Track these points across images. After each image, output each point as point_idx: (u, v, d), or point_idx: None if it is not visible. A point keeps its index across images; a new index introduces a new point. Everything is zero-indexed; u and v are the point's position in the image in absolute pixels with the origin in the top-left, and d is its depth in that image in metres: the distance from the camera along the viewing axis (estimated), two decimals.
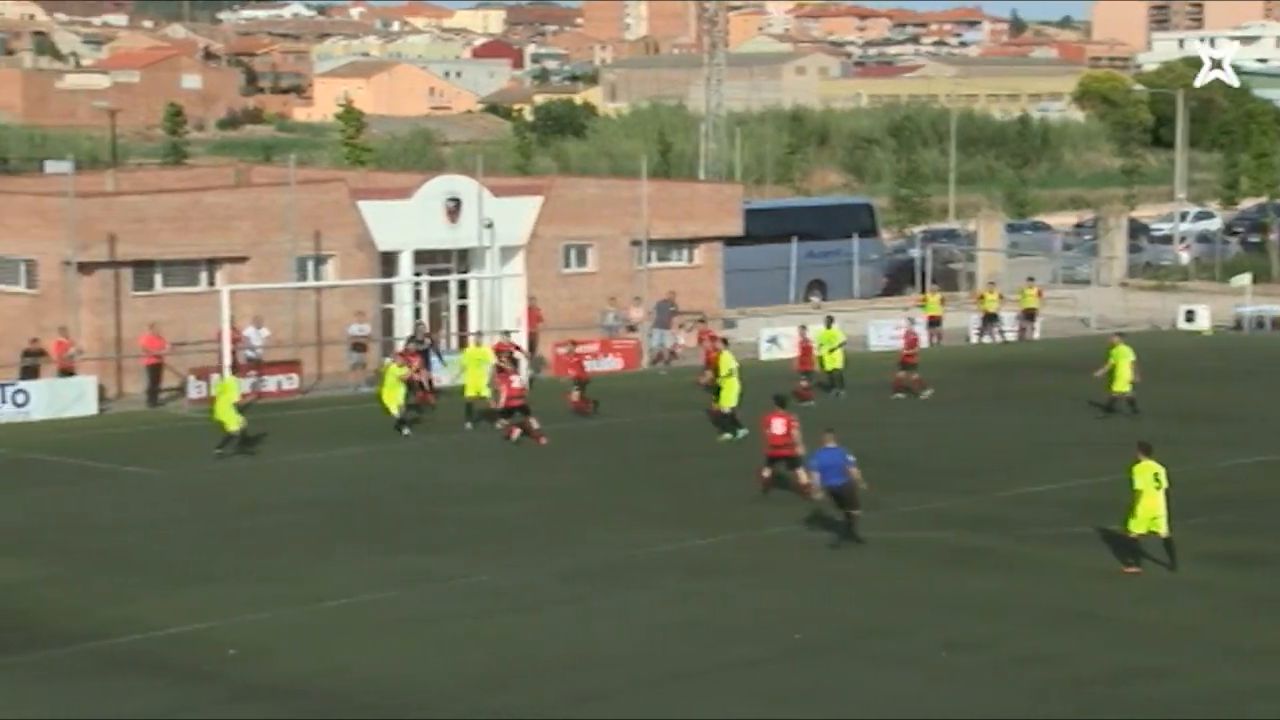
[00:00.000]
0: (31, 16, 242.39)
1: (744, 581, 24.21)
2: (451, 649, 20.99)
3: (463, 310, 47.19)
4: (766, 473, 28.79)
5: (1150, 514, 23.97)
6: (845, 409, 37.36)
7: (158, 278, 41.42)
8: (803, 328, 41.78)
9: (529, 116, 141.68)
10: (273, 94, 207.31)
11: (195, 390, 38.75)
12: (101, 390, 38.28)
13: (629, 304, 47.87)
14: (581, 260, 49.11)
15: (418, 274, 45.87)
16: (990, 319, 51.74)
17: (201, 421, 36.43)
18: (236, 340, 38.80)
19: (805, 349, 40.58)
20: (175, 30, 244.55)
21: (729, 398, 34.80)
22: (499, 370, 36.41)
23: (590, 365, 43.20)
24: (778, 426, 28.49)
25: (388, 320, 45.27)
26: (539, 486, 30.59)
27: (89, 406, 37.49)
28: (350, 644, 21.15)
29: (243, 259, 42.30)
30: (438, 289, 46.55)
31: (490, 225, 45.61)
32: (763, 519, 27.84)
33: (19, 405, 36.47)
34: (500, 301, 46.33)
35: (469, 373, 36.75)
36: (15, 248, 41.14)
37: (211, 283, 41.70)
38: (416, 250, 45.64)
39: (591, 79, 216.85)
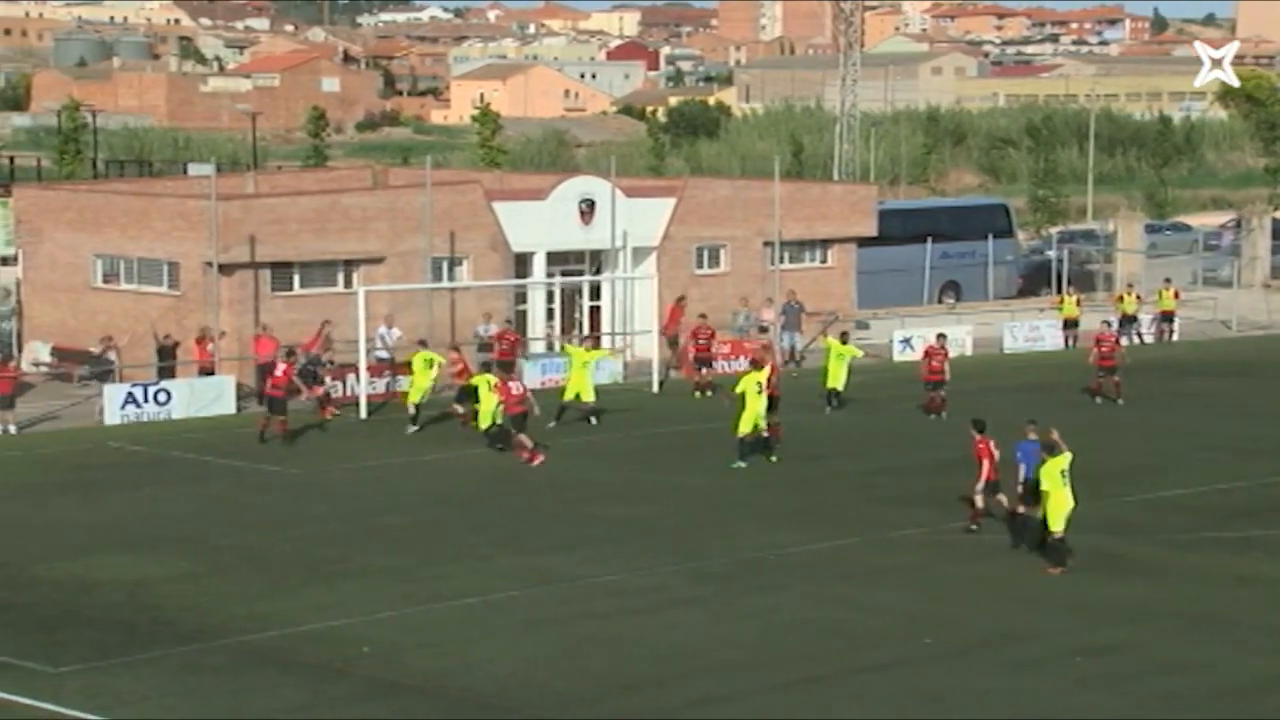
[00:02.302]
0: (177, 21, 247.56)
1: (874, 584, 24.01)
2: (579, 649, 21.04)
3: (595, 312, 47.34)
4: (979, 502, 26.54)
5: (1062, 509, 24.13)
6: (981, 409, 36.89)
7: (296, 278, 42.02)
8: (941, 336, 40.79)
9: (663, 118, 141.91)
10: (410, 96, 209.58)
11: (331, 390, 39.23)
12: (240, 389, 38.88)
13: (761, 305, 47.72)
14: (714, 261, 49.04)
15: (550, 275, 46.11)
16: (1128, 321, 50.84)
17: (335, 422, 36.88)
18: (310, 346, 38.18)
19: (931, 355, 38.78)
20: (315, 34, 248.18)
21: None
22: (499, 378, 33.96)
23: (722, 366, 43.21)
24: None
25: (521, 321, 45.54)
26: (669, 486, 30.57)
27: (228, 405, 38.11)
28: (480, 643, 21.28)
29: (379, 260, 42.77)
30: (571, 289, 46.76)
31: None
32: (893, 521, 27.59)
33: (160, 404, 37.16)
34: (632, 303, 46.44)
35: (573, 373, 36.65)
36: (159, 249, 41.95)
37: (348, 284, 42.22)
38: (550, 251, 45.87)
39: (726, 80, 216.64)
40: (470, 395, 34.82)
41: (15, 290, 45.39)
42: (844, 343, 38.20)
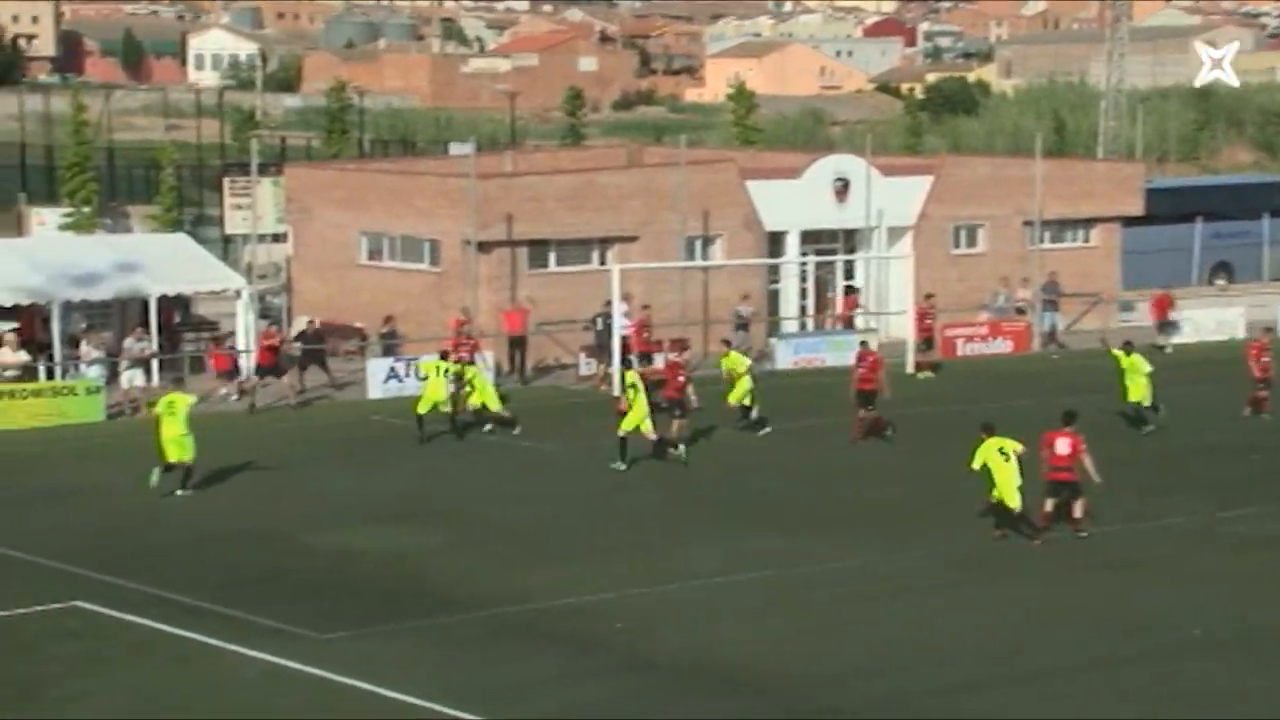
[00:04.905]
0: (440, 3, 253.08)
1: (1132, 574, 23.47)
2: (825, 633, 21.01)
3: (849, 291, 47.09)
4: (1049, 506, 25.17)
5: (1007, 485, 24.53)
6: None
7: (552, 256, 42.70)
8: (1268, 329, 37.81)
9: (920, 95, 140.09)
10: (665, 75, 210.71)
11: (585, 367, 39.81)
12: (498, 366, 39.63)
13: (1019, 286, 46.91)
14: (971, 241, 48.43)
15: (804, 254, 46.01)
16: None
17: (592, 398, 37.39)
18: (460, 324, 37.67)
19: (1259, 350, 35.42)
20: (573, 14, 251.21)
21: (738, 396, 33.42)
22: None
23: (979, 348, 42.66)
24: (1062, 446, 25.29)
25: (773, 301, 45.53)
26: (917, 470, 30.33)
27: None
28: (728, 623, 21.40)
29: (633, 238, 43.20)
30: (824, 269, 46.61)
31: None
32: (1158, 510, 26.89)
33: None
34: (887, 283, 46.07)
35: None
36: (422, 227, 43.03)
37: (603, 262, 42.74)
38: (804, 230, 45.77)
39: (986, 56, 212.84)
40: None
41: (285, 267, 47.08)
42: (1128, 354, 33.93)
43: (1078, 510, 25.27)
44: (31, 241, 46.01)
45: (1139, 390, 33.63)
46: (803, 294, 46.69)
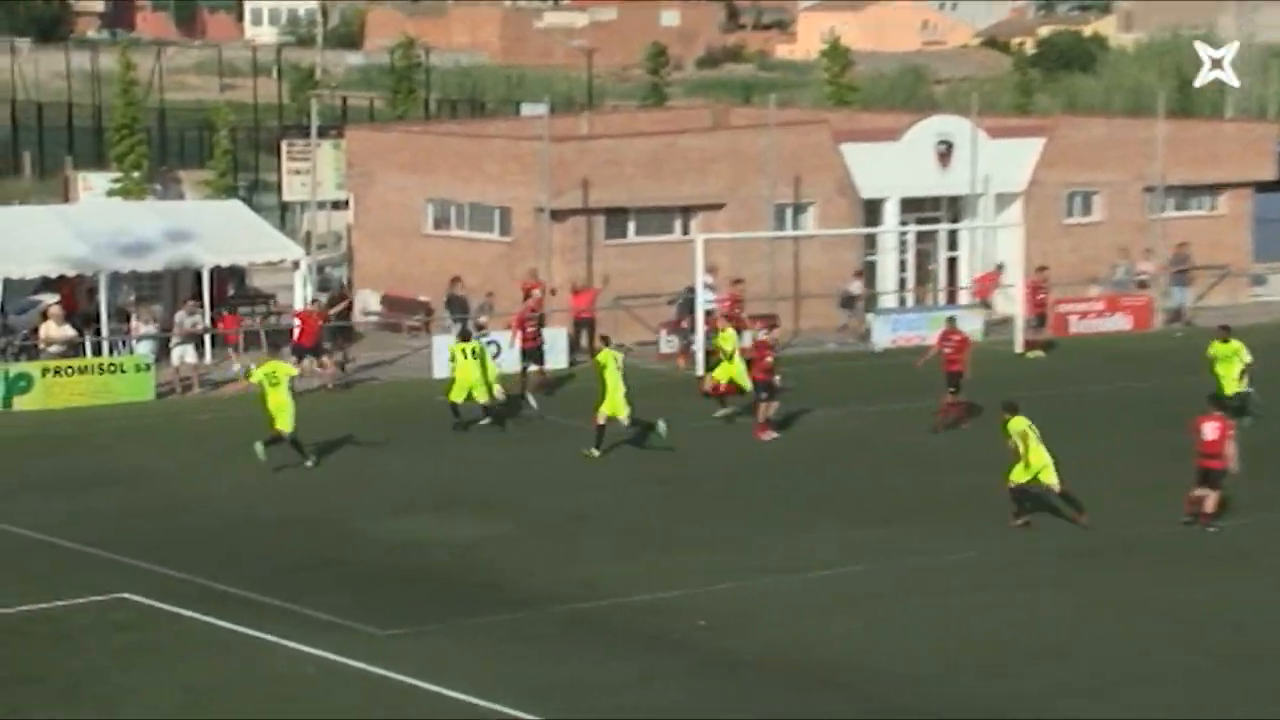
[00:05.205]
0: None
1: (1259, 571, 23.13)
2: (927, 629, 20.89)
3: (952, 264, 46.74)
4: (1196, 492, 25.32)
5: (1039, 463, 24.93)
6: None
7: (631, 226, 42.63)
8: None
9: (1031, 50, 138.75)
10: (754, 30, 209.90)
11: (666, 345, 39.70)
12: (572, 342, 39.61)
13: (1140, 257, 46.37)
14: (1086, 208, 47.95)
15: (904, 223, 45.70)
16: None
17: (673, 377, 37.31)
18: (529, 288, 37.85)
19: None
20: None
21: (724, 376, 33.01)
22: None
23: (1096, 325, 42.25)
24: (1209, 431, 25.27)
25: (870, 274, 45.28)
26: None
27: (559, 359, 38.84)
28: (821, 619, 21.33)
29: (718, 206, 43.06)
30: (925, 240, 46.28)
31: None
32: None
33: (492, 357, 37.90)
34: (994, 255, 45.68)
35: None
36: (492, 194, 43.08)
37: (685, 231, 42.62)
38: (903, 197, 45.46)
39: (1103, 8, 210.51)
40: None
41: (346, 236, 47.28)
42: (1225, 341, 33.17)
43: (1210, 504, 25.01)
44: (78, 208, 46.47)
45: (1230, 381, 32.50)
46: (902, 266, 46.37)
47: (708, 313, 38.38)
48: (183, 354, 36.52)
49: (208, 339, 37.68)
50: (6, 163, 66.71)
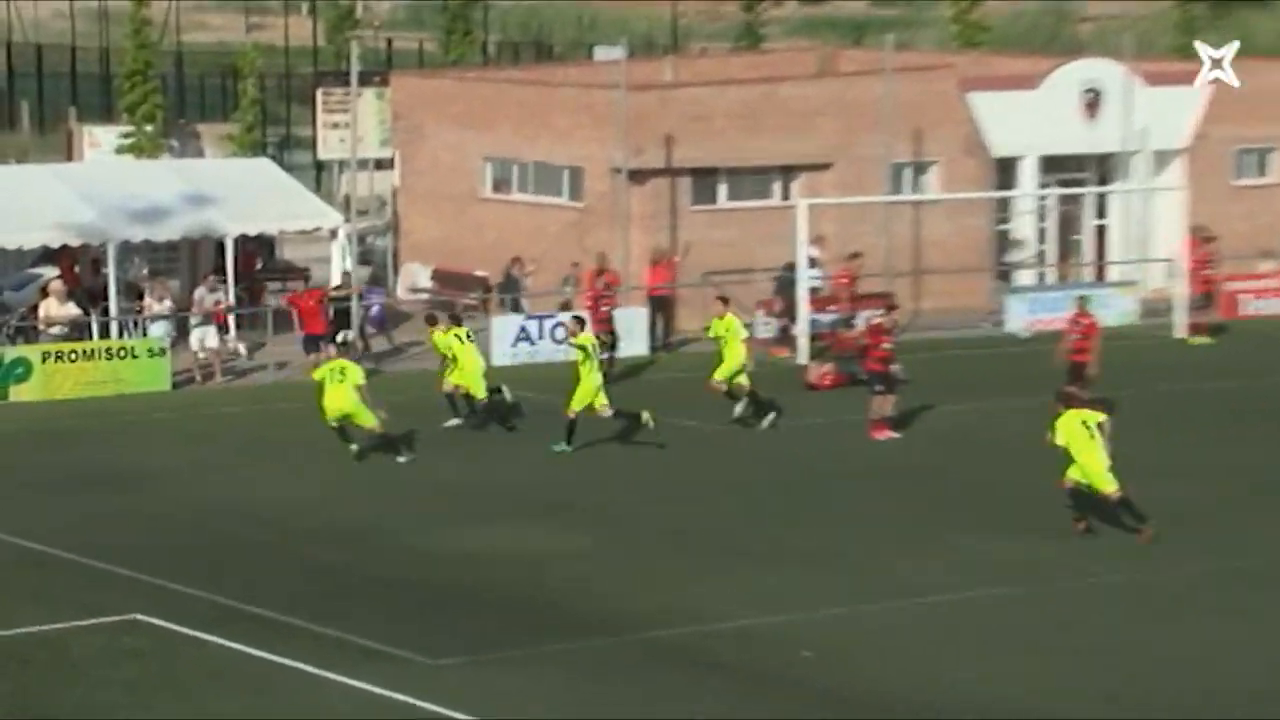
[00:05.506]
0: None
1: None
2: (1080, 665, 20.74)
3: (1101, 232, 46.48)
4: None
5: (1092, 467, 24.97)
6: None
7: (722, 189, 42.59)
8: None
9: None
10: None
11: (763, 328, 39.55)
12: (653, 325, 39.57)
13: None
14: (1261, 168, 47.82)
15: (1044, 185, 45.48)
16: None
17: (771, 368, 37.24)
18: (602, 272, 38.11)
19: None
20: None
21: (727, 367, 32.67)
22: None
23: (1271, 306, 41.94)
24: None
25: (1001, 244, 45.08)
26: (1191, 462, 29.92)
27: (639, 344, 38.85)
28: (949, 652, 21.24)
29: (824, 166, 42.96)
30: (1070, 204, 46.04)
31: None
32: None
33: (557, 342, 38.05)
34: (1152, 222, 45.36)
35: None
36: (560, 153, 43.13)
37: (786, 195, 42.54)
38: (1042, 155, 45.24)
39: None
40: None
41: (391, 200, 47.37)
42: None
43: None
44: (82, 168, 46.95)
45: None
46: (1041, 236, 46.15)
47: (812, 291, 38.30)
48: (203, 337, 36.78)
49: (232, 319, 37.90)
50: (1, 115, 67.37)
